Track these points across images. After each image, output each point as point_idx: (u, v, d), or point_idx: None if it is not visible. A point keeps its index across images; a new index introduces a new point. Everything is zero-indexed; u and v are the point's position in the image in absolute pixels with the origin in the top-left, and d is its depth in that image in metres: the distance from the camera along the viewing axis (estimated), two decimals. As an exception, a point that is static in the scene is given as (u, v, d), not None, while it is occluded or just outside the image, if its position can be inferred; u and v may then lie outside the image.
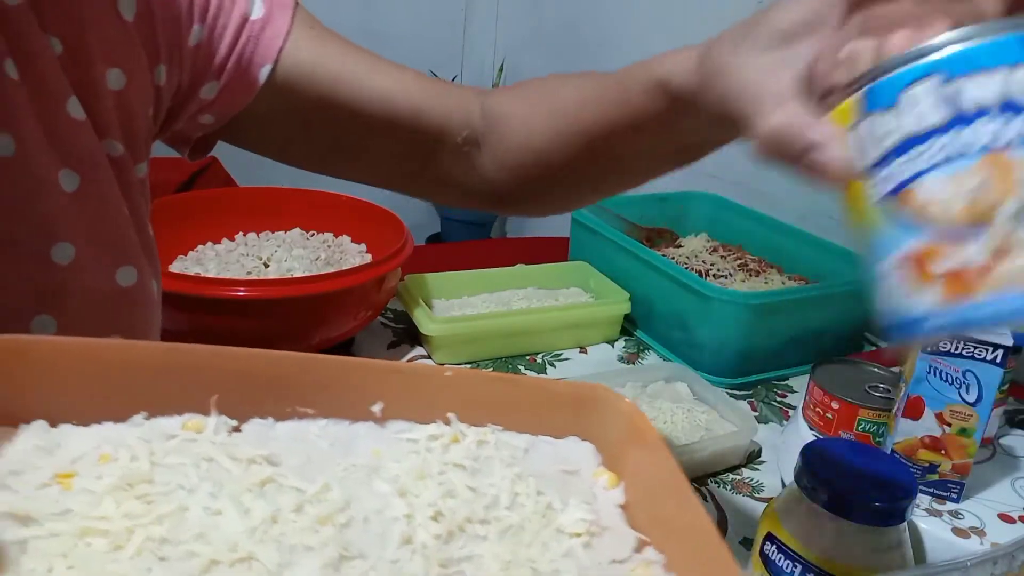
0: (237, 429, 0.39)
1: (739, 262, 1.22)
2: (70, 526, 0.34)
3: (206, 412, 0.39)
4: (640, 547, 0.34)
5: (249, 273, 1.02)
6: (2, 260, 0.46)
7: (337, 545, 0.33)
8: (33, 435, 0.38)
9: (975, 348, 0.69)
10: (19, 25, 0.43)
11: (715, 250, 1.29)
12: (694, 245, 1.30)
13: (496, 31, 2.36)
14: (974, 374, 0.70)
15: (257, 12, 0.53)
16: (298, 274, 0.98)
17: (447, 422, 0.39)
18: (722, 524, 0.71)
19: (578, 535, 0.34)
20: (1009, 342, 0.69)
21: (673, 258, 1.21)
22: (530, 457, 0.38)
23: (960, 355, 0.70)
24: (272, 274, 1.01)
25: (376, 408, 0.39)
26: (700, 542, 0.30)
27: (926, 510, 0.70)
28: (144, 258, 0.55)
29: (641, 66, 0.47)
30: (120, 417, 0.39)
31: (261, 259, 1.04)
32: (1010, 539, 0.53)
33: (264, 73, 0.54)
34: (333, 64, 0.55)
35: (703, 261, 1.23)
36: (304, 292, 0.83)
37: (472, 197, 0.64)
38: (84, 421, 0.39)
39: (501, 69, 2.36)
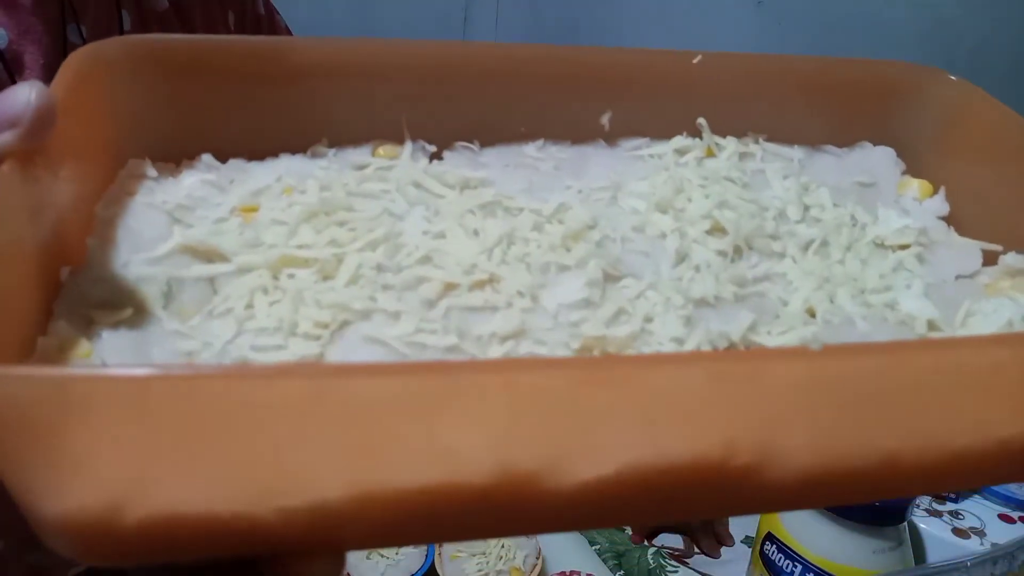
0: (438, 155, 0.30)
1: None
2: (264, 258, 0.25)
3: (399, 140, 0.30)
4: (991, 259, 0.25)
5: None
6: None
7: (599, 263, 0.25)
8: (201, 170, 0.29)
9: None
10: (168, 26, 0.42)
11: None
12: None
13: (496, 31, 2.14)
14: (974, 373, 0.63)
15: None
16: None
17: (696, 132, 0.29)
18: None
19: (905, 247, 0.25)
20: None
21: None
22: (810, 169, 0.29)
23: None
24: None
25: (604, 119, 0.29)
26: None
27: (926, 510, 0.65)
28: None
29: None
30: (297, 148, 0.30)
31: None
32: (1010, 539, 0.50)
33: None
34: None
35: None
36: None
37: None
38: (257, 155, 0.30)
39: (501, 69, 2.14)
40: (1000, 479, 0.29)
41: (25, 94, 0.21)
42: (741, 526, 0.66)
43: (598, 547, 0.59)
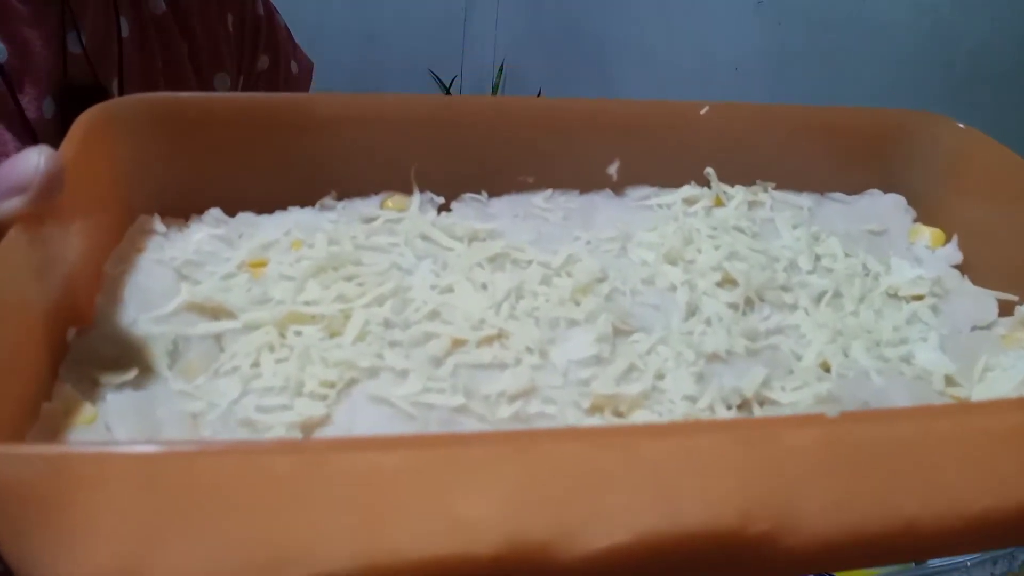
0: (446, 207, 0.30)
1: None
2: (271, 315, 0.25)
3: (407, 191, 0.30)
4: (1007, 308, 0.25)
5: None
6: None
7: (609, 318, 0.24)
8: (210, 224, 0.29)
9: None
10: (166, 30, 0.42)
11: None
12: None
13: (496, 31, 2.17)
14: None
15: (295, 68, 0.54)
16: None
17: (704, 182, 0.29)
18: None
19: (919, 298, 0.25)
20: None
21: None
22: (819, 217, 0.28)
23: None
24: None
25: (612, 169, 0.29)
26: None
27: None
28: None
29: None
30: (306, 201, 0.30)
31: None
32: (1011, 539, 0.48)
33: None
34: None
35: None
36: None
37: None
38: (266, 208, 0.30)
39: (501, 69, 2.18)
40: (1021, 541, 0.28)
41: (34, 159, 0.21)
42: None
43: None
